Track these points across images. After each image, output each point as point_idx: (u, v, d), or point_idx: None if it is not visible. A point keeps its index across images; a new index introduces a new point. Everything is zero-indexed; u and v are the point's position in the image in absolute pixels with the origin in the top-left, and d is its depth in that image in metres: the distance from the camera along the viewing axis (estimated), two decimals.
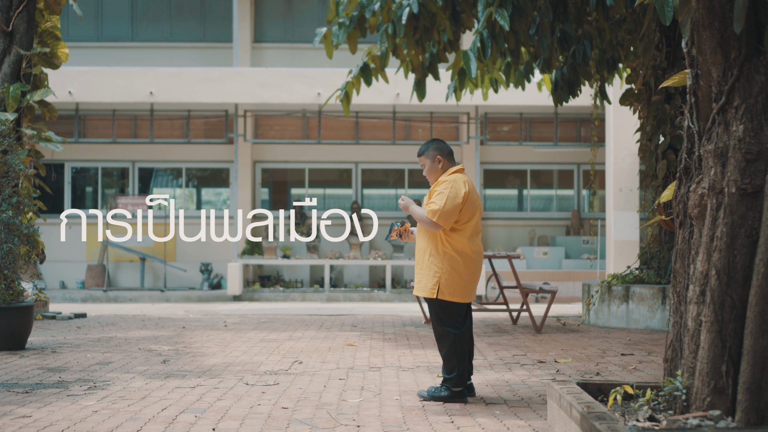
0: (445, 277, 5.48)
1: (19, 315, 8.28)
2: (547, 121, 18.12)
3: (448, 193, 5.44)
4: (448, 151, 5.72)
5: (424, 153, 5.70)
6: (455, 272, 5.50)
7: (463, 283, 5.52)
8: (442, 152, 5.68)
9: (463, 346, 5.54)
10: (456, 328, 5.55)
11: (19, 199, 8.79)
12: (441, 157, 5.67)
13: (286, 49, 19.03)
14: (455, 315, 5.56)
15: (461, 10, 9.77)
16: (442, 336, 5.56)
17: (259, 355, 7.86)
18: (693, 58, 3.91)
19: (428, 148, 5.69)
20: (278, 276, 18.17)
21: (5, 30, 10.17)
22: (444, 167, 5.68)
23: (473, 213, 5.57)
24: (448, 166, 5.69)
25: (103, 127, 18.01)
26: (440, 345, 5.58)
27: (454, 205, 5.43)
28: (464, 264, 5.53)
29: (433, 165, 5.68)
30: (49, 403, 5.51)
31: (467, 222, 5.54)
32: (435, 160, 5.67)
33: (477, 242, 5.63)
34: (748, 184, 3.56)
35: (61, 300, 16.59)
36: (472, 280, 5.58)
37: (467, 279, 5.54)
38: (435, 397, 5.56)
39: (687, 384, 3.67)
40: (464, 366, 5.54)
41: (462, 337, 5.55)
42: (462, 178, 5.59)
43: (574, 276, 16.87)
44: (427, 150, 5.69)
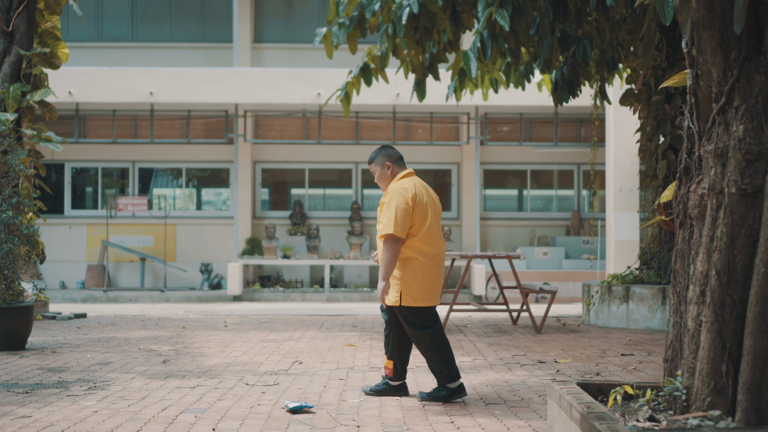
0: (405, 283, 5.51)
1: (19, 315, 8.28)
2: (547, 121, 18.12)
3: (394, 204, 5.48)
4: (398, 157, 5.78)
5: (373, 160, 5.78)
6: (414, 277, 5.52)
7: (425, 287, 5.55)
8: (390, 158, 5.74)
9: (443, 340, 5.57)
10: (429, 328, 5.56)
11: (19, 199, 8.79)
12: (390, 163, 5.73)
13: (286, 49, 19.03)
14: (426, 316, 5.58)
15: (461, 10, 9.77)
16: (419, 339, 5.55)
17: (259, 355, 7.86)
18: (693, 58, 3.91)
19: (377, 155, 5.77)
20: (278, 276, 18.17)
21: (5, 30, 10.17)
22: (393, 173, 5.73)
23: (425, 215, 5.58)
24: (398, 171, 5.74)
25: (103, 127, 18.02)
26: (421, 349, 5.58)
27: (405, 212, 5.47)
28: (422, 268, 5.55)
29: (382, 171, 5.73)
30: (49, 403, 5.51)
31: (420, 225, 5.56)
32: (384, 167, 5.73)
33: (435, 243, 5.63)
34: (748, 184, 3.56)
35: (61, 300, 16.59)
36: (435, 282, 5.61)
37: (428, 282, 5.56)
38: (435, 398, 5.57)
39: (687, 384, 3.67)
40: (451, 358, 5.56)
41: (438, 332, 5.56)
42: (409, 182, 5.62)
43: (574, 276, 16.87)
44: (376, 157, 5.77)
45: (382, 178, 5.74)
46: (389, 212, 5.46)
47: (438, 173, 19.10)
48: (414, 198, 5.53)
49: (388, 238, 5.44)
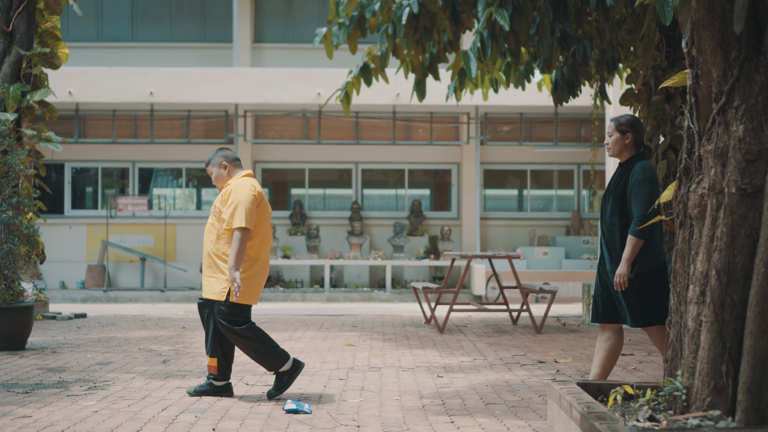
0: None
1: (19, 315, 8.28)
2: (547, 121, 18.12)
3: (241, 199, 5.54)
4: (234, 158, 5.85)
5: (210, 162, 5.85)
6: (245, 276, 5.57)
7: (253, 285, 5.63)
8: (227, 158, 5.82)
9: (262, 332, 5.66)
10: (246, 323, 5.62)
11: (19, 199, 8.79)
12: (226, 163, 5.80)
13: (286, 49, 19.03)
14: (245, 314, 5.64)
15: (461, 10, 9.77)
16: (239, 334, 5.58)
17: None
18: (693, 58, 3.91)
19: (213, 156, 5.84)
20: (278, 276, 18.17)
21: (5, 30, 10.17)
22: (230, 172, 5.80)
23: (262, 214, 5.67)
24: (234, 171, 5.81)
25: (103, 127, 18.01)
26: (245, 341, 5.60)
27: (252, 206, 5.54)
28: (252, 268, 5.63)
29: (219, 172, 5.81)
30: (49, 403, 5.51)
31: (258, 226, 5.63)
32: (221, 167, 5.80)
33: (265, 250, 5.71)
34: (748, 184, 3.56)
35: (61, 300, 16.59)
36: (261, 282, 5.70)
37: (256, 280, 5.65)
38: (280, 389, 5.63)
39: (687, 384, 3.67)
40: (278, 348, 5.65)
41: (254, 326, 5.65)
42: (249, 182, 5.69)
43: (574, 276, 16.87)
44: (213, 158, 5.84)
45: (219, 179, 5.81)
46: (236, 206, 5.53)
47: (438, 173, 19.10)
48: (260, 194, 5.66)
49: (240, 231, 5.48)
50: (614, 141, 5.54)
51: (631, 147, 5.53)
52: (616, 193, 5.42)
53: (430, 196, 19.19)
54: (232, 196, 5.58)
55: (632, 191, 5.32)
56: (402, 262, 17.34)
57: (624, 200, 5.39)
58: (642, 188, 5.28)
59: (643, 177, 5.32)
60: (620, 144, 5.52)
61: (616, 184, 5.46)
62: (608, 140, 5.57)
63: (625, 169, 5.48)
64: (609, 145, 5.56)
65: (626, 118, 5.56)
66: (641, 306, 5.28)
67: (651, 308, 5.28)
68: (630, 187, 5.34)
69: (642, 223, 5.23)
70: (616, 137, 5.54)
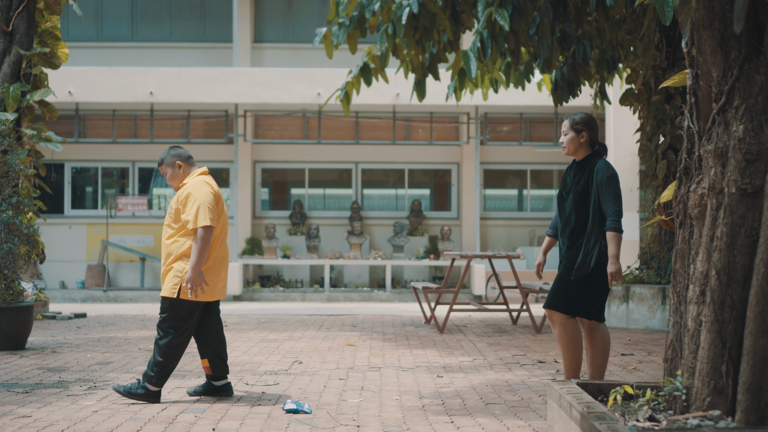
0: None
1: (19, 315, 8.28)
2: (547, 121, 18.12)
3: (200, 197, 5.50)
4: (187, 156, 5.79)
5: (163, 161, 5.78)
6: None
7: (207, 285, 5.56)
8: (180, 157, 5.75)
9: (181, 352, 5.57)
10: (179, 333, 5.53)
11: (19, 199, 8.79)
12: (181, 162, 5.74)
13: (286, 49, 19.03)
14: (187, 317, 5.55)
15: (461, 10, 9.77)
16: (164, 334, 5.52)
17: (259, 355, 7.86)
18: (693, 58, 3.91)
19: (167, 155, 5.78)
20: (278, 276, 18.17)
21: (5, 30, 10.17)
22: (185, 171, 5.75)
23: (220, 213, 5.64)
24: (189, 169, 5.76)
25: (103, 127, 18.01)
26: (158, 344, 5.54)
27: (212, 203, 5.51)
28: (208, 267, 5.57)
29: (174, 171, 5.74)
30: (49, 403, 5.51)
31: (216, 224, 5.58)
32: (175, 166, 5.74)
33: (221, 247, 5.67)
34: (748, 184, 3.56)
35: (61, 300, 16.59)
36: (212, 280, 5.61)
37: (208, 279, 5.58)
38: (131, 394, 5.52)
39: (687, 384, 3.67)
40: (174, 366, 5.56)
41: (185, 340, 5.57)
42: (205, 180, 5.66)
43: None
44: (165, 158, 5.77)
45: (174, 178, 5.74)
46: (198, 205, 5.47)
47: (438, 173, 19.10)
48: (217, 192, 5.64)
49: (204, 229, 5.43)
50: (569, 140, 5.58)
51: (586, 145, 5.58)
52: (577, 191, 5.48)
53: (430, 196, 19.19)
54: (191, 196, 5.52)
55: (601, 189, 5.38)
56: (402, 262, 17.34)
57: (585, 198, 5.46)
58: (610, 185, 5.37)
59: (608, 174, 5.40)
60: (576, 143, 5.56)
61: (576, 183, 5.50)
62: (563, 139, 5.61)
63: (583, 168, 5.53)
64: (564, 144, 5.60)
65: (581, 117, 5.59)
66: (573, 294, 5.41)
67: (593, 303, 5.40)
68: (597, 185, 5.40)
69: (618, 217, 5.32)
70: (572, 136, 5.58)
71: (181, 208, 5.55)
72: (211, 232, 5.47)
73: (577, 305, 5.47)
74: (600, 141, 5.68)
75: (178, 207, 5.57)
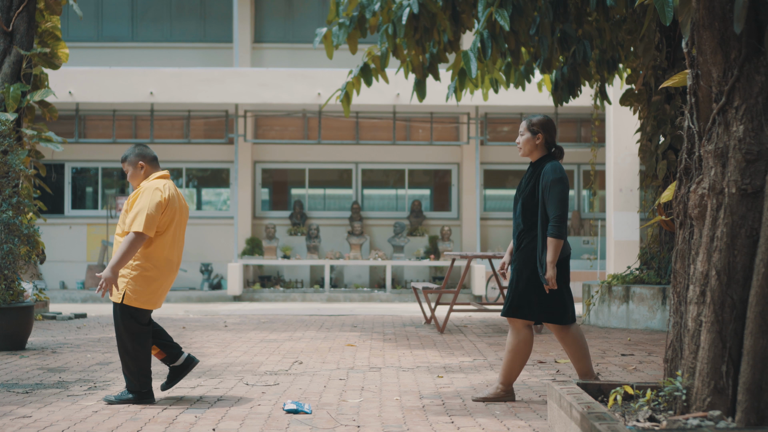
0: (133, 282, 5.43)
1: (19, 315, 8.28)
2: None
3: (147, 203, 5.42)
4: (152, 157, 5.71)
5: (126, 159, 5.68)
6: (145, 279, 5.46)
7: (154, 291, 5.50)
8: (144, 158, 5.67)
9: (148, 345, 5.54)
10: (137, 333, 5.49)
11: (19, 199, 8.79)
12: (143, 163, 5.66)
13: (286, 49, 19.03)
14: (142, 319, 5.51)
15: (461, 11, 9.77)
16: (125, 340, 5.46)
17: (259, 355, 7.86)
18: (693, 58, 3.91)
19: (130, 153, 5.68)
20: (278, 276, 18.17)
21: (5, 30, 10.17)
22: (147, 172, 5.66)
23: (172, 218, 5.56)
24: (151, 171, 5.68)
25: (104, 127, 18.01)
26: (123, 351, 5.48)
27: (156, 211, 5.41)
28: (156, 270, 5.50)
29: (135, 171, 5.65)
30: (50, 403, 5.51)
31: (167, 228, 5.53)
32: (137, 166, 5.66)
33: (175, 252, 5.61)
34: (749, 184, 3.56)
35: (61, 300, 16.59)
36: (164, 288, 5.58)
37: (158, 287, 5.52)
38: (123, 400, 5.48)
39: (687, 384, 3.67)
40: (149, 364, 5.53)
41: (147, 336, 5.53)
42: (163, 184, 5.58)
43: (574, 276, 16.86)
44: (129, 155, 5.68)
45: (134, 177, 5.66)
46: (138, 211, 5.40)
47: (438, 173, 19.09)
48: (167, 200, 5.50)
49: (137, 235, 5.35)
50: (525, 141, 5.59)
51: (542, 147, 5.58)
52: (526, 193, 5.50)
53: (430, 196, 19.19)
54: (139, 200, 5.45)
55: (545, 192, 5.37)
56: (402, 262, 17.33)
57: (533, 200, 5.46)
58: (554, 189, 5.34)
59: (554, 177, 5.37)
60: (531, 144, 5.57)
61: (526, 184, 5.52)
62: (519, 140, 5.61)
63: (535, 170, 5.54)
64: (520, 145, 5.60)
65: (538, 118, 5.59)
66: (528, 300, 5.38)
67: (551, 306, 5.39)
68: (542, 188, 5.39)
69: (559, 223, 5.31)
70: (527, 137, 5.58)
71: (128, 209, 5.51)
72: (143, 239, 5.35)
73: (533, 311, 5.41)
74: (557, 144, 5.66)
75: (128, 209, 5.52)
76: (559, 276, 5.38)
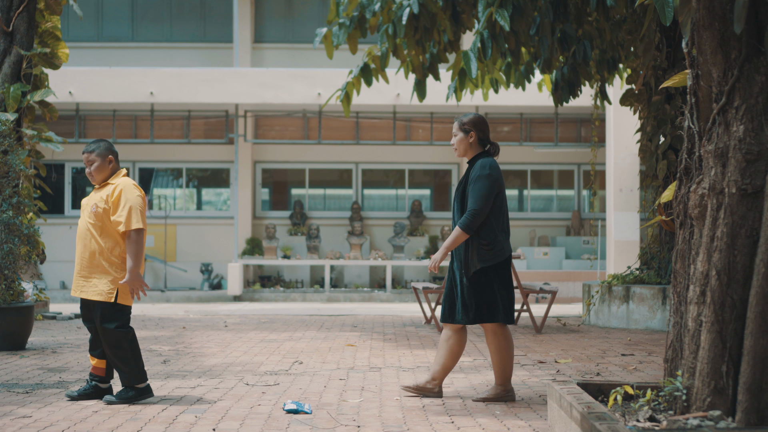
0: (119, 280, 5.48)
1: (19, 315, 8.28)
2: (548, 121, 18.11)
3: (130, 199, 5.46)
4: (117, 153, 5.72)
5: (94, 151, 5.62)
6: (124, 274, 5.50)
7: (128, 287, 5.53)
8: (114, 153, 5.68)
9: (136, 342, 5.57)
10: (128, 327, 5.54)
11: (19, 199, 8.79)
12: (112, 158, 5.66)
13: (286, 50, 19.03)
14: (128, 315, 5.57)
15: (461, 11, 9.77)
16: (120, 338, 5.47)
17: (259, 355, 7.86)
18: (693, 58, 3.91)
19: (98, 146, 5.64)
20: (278, 276, 18.17)
21: (5, 30, 10.17)
22: (113, 168, 5.67)
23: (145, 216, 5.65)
24: (117, 167, 5.70)
25: (104, 127, 18.01)
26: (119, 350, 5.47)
27: (141, 205, 5.49)
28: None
29: (103, 164, 5.62)
30: (50, 403, 5.51)
31: None
32: (107, 160, 5.64)
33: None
34: (749, 184, 3.56)
35: (61, 300, 16.59)
36: None
37: None
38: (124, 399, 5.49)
39: (687, 384, 3.67)
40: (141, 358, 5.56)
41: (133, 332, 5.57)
42: (133, 182, 5.63)
43: (574, 276, 16.87)
44: (98, 148, 5.64)
45: (101, 171, 5.61)
46: (127, 206, 5.44)
47: (438, 173, 19.09)
48: (144, 197, 5.60)
49: (139, 231, 5.41)
50: (458, 141, 5.61)
51: (476, 145, 5.60)
52: (459, 190, 5.55)
53: (431, 196, 19.19)
54: (123, 198, 5.46)
55: (469, 187, 5.42)
56: (402, 262, 17.33)
57: (464, 198, 5.51)
58: (478, 184, 5.39)
59: (480, 173, 5.41)
60: (465, 143, 5.58)
61: (461, 184, 5.56)
62: (453, 140, 5.63)
63: (470, 167, 5.58)
64: (455, 146, 5.62)
65: (469, 117, 5.61)
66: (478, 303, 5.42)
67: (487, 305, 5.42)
68: (468, 183, 5.44)
69: (473, 217, 5.35)
70: (460, 137, 5.60)
71: (111, 208, 5.49)
72: (143, 234, 5.44)
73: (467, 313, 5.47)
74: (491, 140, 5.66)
75: (106, 207, 5.50)
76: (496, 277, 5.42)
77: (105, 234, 5.50)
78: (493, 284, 5.44)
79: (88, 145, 5.68)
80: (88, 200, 5.65)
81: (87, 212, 5.58)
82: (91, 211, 5.54)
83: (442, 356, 5.65)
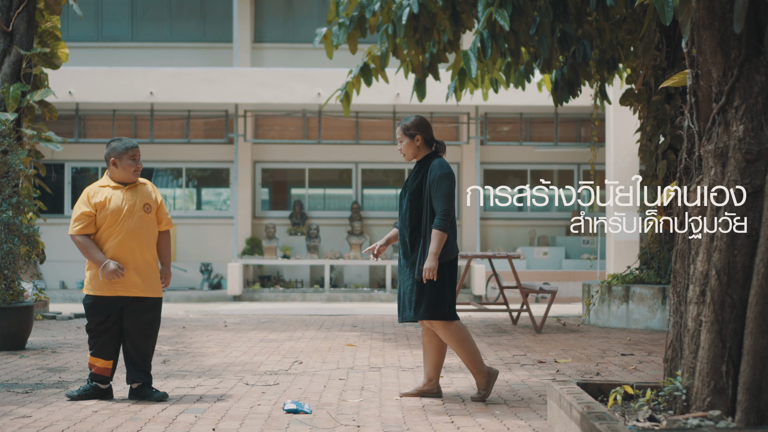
0: None
1: (19, 315, 8.28)
2: (547, 121, 18.11)
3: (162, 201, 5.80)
4: None
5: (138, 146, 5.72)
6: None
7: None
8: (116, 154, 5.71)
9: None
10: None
11: (19, 199, 8.79)
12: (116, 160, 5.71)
13: (286, 49, 19.02)
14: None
15: (461, 10, 9.77)
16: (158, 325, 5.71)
17: (259, 355, 7.86)
18: (693, 58, 3.91)
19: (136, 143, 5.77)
20: (278, 276, 18.17)
21: (5, 30, 10.17)
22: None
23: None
24: None
25: (104, 127, 18.01)
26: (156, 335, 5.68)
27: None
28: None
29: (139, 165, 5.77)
30: (49, 403, 5.51)
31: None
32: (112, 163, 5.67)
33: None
34: (748, 184, 3.56)
35: (61, 300, 16.59)
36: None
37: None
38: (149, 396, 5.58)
39: (687, 384, 3.67)
40: None
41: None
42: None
43: (574, 276, 16.87)
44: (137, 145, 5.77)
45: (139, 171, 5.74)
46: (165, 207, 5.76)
47: None
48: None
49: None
50: (406, 146, 5.66)
51: (423, 147, 5.65)
52: (412, 189, 5.58)
53: None
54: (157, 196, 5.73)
55: (432, 187, 5.46)
56: None
57: (419, 197, 5.54)
58: (442, 184, 5.44)
59: (441, 173, 5.47)
60: (412, 147, 5.63)
61: (413, 181, 5.61)
62: (400, 146, 5.67)
63: (421, 167, 5.61)
64: (403, 152, 5.66)
65: (410, 121, 5.65)
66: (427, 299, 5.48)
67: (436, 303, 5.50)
68: (429, 184, 5.48)
69: (447, 216, 5.44)
70: (407, 142, 5.64)
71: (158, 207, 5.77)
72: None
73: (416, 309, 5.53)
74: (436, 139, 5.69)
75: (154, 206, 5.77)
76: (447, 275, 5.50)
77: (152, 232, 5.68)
78: (444, 282, 5.51)
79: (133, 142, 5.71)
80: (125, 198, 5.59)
81: (137, 211, 5.59)
82: (145, 211, 5.63)
83: (428, 355, 5.74)
